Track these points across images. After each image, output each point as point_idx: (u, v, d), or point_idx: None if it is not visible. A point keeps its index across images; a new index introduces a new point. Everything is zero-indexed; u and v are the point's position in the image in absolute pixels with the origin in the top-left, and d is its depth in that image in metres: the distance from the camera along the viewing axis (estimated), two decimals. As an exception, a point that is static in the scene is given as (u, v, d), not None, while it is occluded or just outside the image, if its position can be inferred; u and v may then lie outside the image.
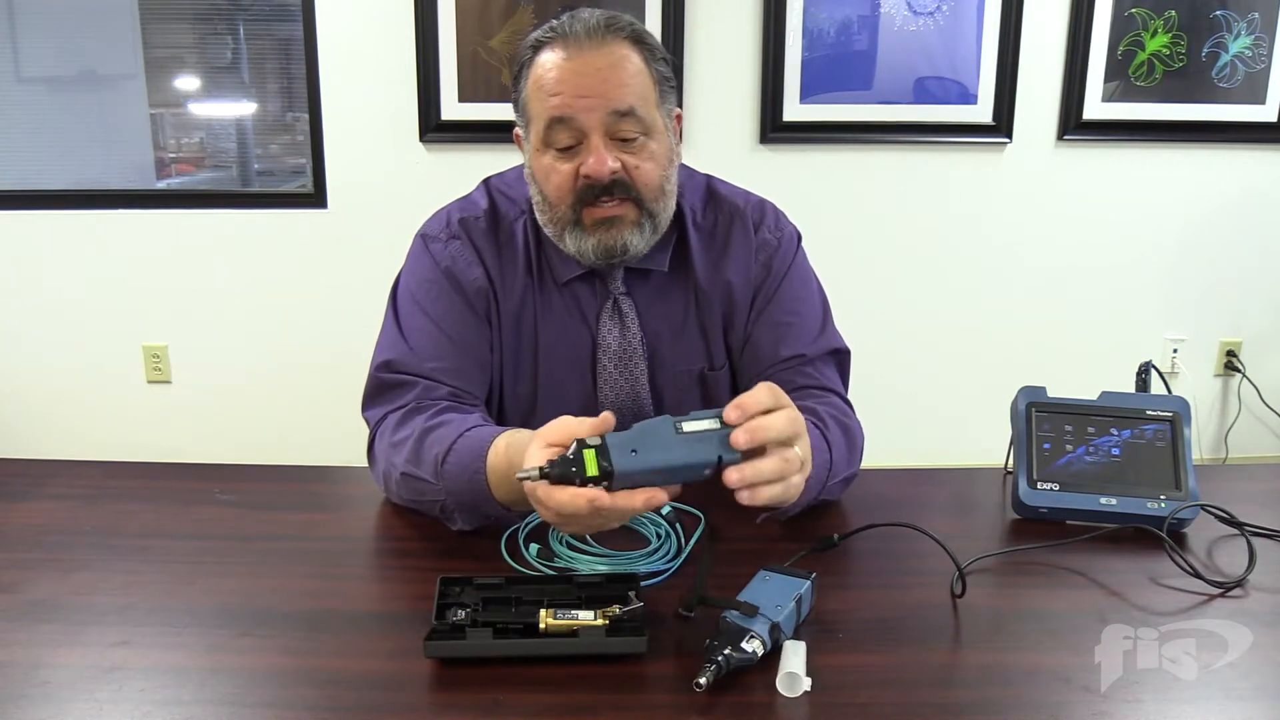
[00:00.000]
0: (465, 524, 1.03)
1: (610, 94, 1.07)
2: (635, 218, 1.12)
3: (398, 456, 1.06)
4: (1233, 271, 3.02)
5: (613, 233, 1.12)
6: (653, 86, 1.12)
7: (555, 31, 1.09)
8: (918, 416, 3.01)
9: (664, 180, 1.13)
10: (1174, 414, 1.11)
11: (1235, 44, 2.82)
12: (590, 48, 1.07)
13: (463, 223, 1.21)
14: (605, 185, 1.09)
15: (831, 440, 1.06)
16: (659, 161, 1.12)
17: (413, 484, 1.04)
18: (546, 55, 1.09)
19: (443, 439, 1.02)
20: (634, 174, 1.10)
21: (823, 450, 1.03)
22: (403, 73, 2.75)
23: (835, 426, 1.09)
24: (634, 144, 1.10)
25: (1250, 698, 0.77)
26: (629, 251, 1.14)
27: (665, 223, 1.17)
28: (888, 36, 2.78)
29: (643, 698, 0.77)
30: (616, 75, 1.08)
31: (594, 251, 1.13)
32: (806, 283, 1.26)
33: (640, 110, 1.09)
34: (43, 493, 1.14)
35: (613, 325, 1.21)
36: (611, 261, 1.15)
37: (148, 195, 2.90)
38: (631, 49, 1.10)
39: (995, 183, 2.92)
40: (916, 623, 0.87)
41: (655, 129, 1.11)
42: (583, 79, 1.07)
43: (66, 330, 2.94)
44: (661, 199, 1.14)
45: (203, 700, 0.75)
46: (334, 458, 1.23)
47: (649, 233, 1.14)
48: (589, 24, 1.08)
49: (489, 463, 0.97)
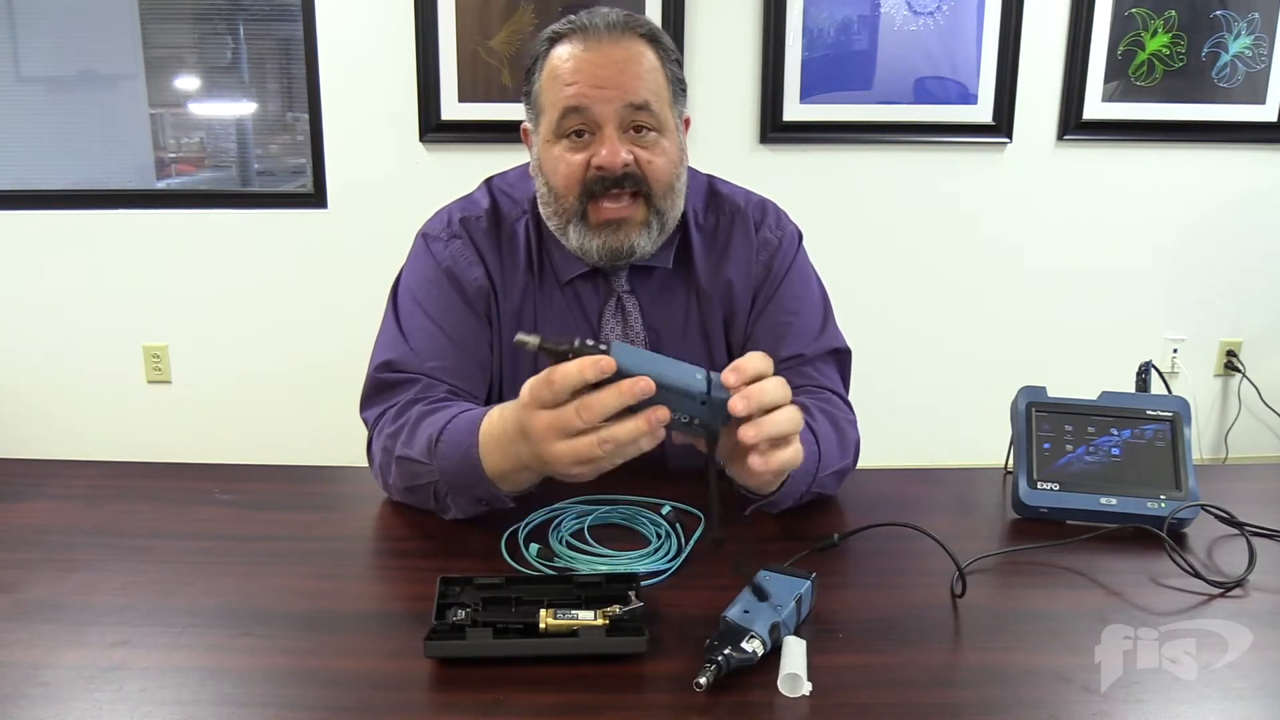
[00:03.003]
0: (458, 510, 1.02)
1: (627, 86, 1.09)
2: (643, 218, 1.13)
3: (393, 442, 1.06)
4: (1233, 271, 3.02)
5: (620, 235, 1.12)
6: (666, 85, 1.13)
7: (573, 25, 1.11)
8: (918, 416, 3.01)
9: (674, 179, 1.14)
10: (1174, 414, 1.11)
11: (1235, 44, 2.82)
12: (609, 41, 1.09)
13: (464, 222, 1.21)
14: (616, 177, 1.10)
15: (819, 432, 1.06)
16: (671, 159, 1.13)
17: (407, 467, 1.04)
18: (564, 47, 1.11)
19: (437, 421, 1.02)
20: (646, 168, 1.11)
21: (810, 442, 1.03)
22: (403, 73, 2.76)
23: (822, 418, 1.09)
24: (647, 138, 1.11)
25: (1250, 698, 0.77)
26: (635, 254, 1.14)
27: (673, 223, 1.17)
28: (888, 36, 2.78)
29: (643, 698, 0.76)
30: (633, 69, 1.09)
31: (598, 252, 1.13)
32: (807, 282, 1.26)
33: (655, 106, 1.10)
34: (43, 493, 1.14)
35: (615, 323, 1.21)
36: (617, 263, 1.16)
37: (148, 195, 2.90)
38: (648, 47, 1.12)
39: (995, 183, 2.92)
40: (916, 623, 0.87)
41: (668, 127, 1.13)
42: (600, 70, 1.08)
43: (66, 330, 2.94)
44: (671, 197, 1.14)
45: (203, 700, 0.75)
46: (334, 458, 1.23)
47: (657, 233, 1.15)
48: (608, 19, 1.10)
49: (482, 429, 0.96)
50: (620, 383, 0.80)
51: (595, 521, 1.05)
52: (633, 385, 0.80)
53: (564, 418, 0.82)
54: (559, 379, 0.81)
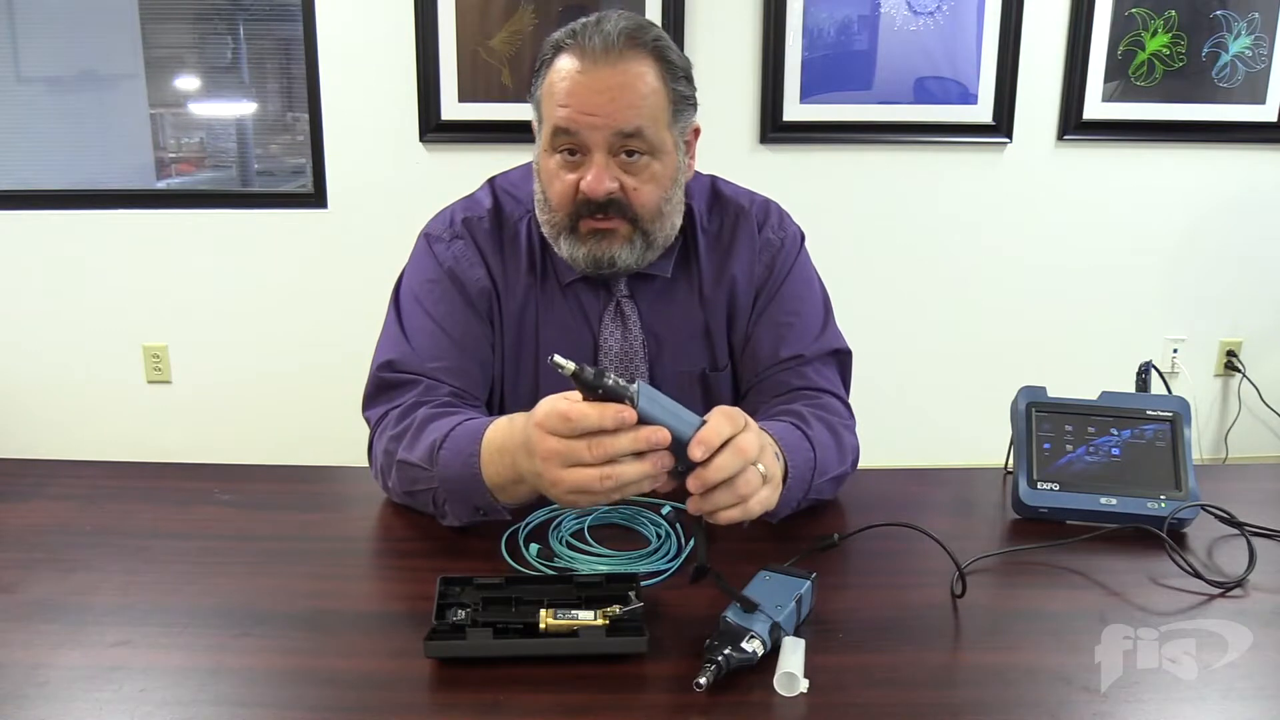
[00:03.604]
0: (455, 518, 1.02)
1: (617, 115, 1.06)
2: (627, 234, 1.12)
3: (395, 445, 1.06)
4: (1233, 271, 3.02)
5: (603, 245, 1.12)
6: (666, 106, 1.10)
7: (575, 38, 1.08)
8: (918, 417, 3.01)
9: (662, 202, 1.13)
10: (1174, 414, 1.11)
11: (1235, 44, 2.82)
12: (605, 64, 1.06)
13: (466, 222, 1.21)
14: (601, 203, 1.09)
15: (815, 440, 1.05)
16: (660, 183, 1.12)
17: (407, 472, 1.04)
18: (563, 61, 1.08)
19: (441, 427, 1.02)
20: (631, 195, 1.10)
21: (805, 450, 1.03)
22: (403, 73, 2.75)
23: (819, 425, 1.09)
24: (637, 162, 1.10)
25: (1250, 698, 0.77)
26: (616, 265, 1.14)
27: (663, 240, 1.16)
28: (888, 36, 2.78)
29: (643, 698, 0.77)
30: (626, 96, 1.07)
31: (584, 260, 1.13)
32: (809, 283, 1.26)
33: (648, 131, 1.08)
34: (42, 493, 1.14)
35: (615, 327, 1.21)
36: (600, 272, 1.15)
37: (148, 195, 2.90)
38: (650, 65, 1.08)
39: (995, 183, 2.92)
40: (916, 623, 0.87)
41: (662, 149, 1.11)
42: (592, 95, 1.06)
43: (66, 330, 2.94)
44: (659, 220, 1.14)
45: (203, 700, 0.75)
46: (334, 458, 1.23)
47: (640, 249, 1.14)
48: (609, 36, 1.06)
49: (486, 437, 0.97)
50: (639, 430, 0.81)
51: (595, 521, 1.05)
52: (650, 435, 0.81)
53: (574, 450, 0.82)
54: (577, 420, 0.81)
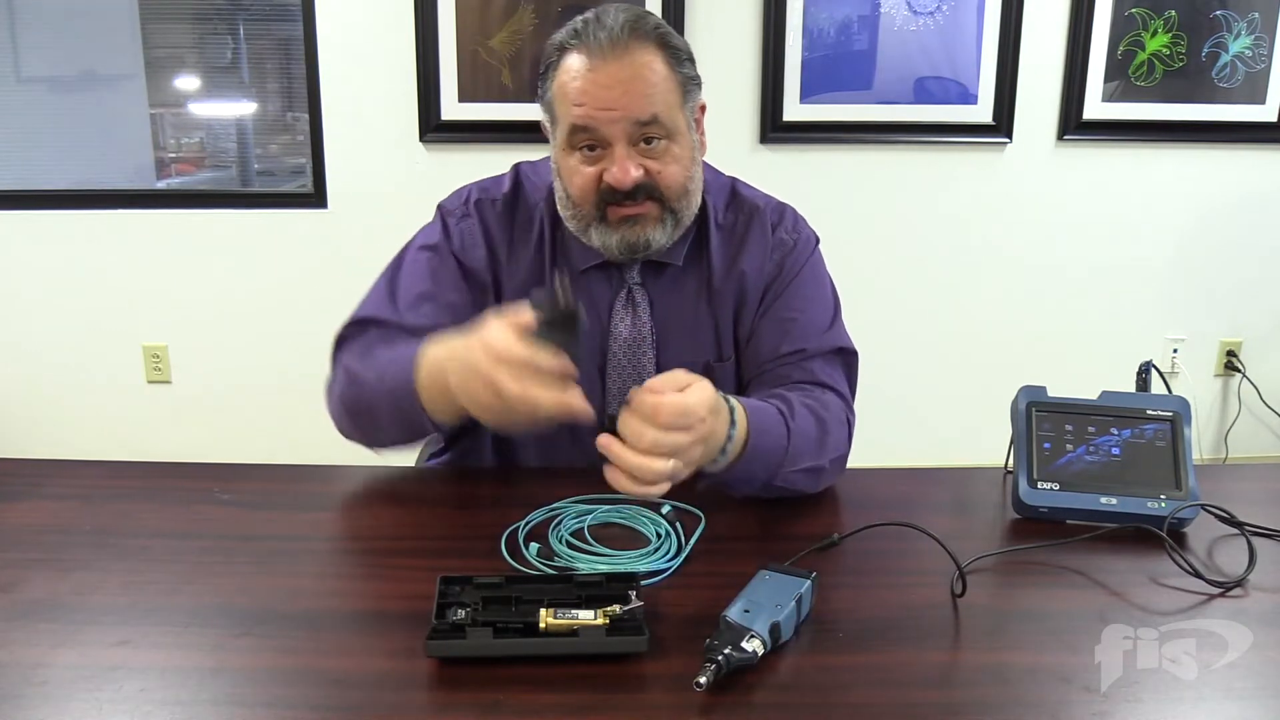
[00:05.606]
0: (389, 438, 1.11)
1: (632, 105, 1.09)
2: (658, 214, 1.15)
3: (348, 357, 1.13)
4: (1233, 271, 3.02)
5: (636, 229, 1.15)
6: (675, 89, 1.13)
7: (579, 37, 1.10)
8: (918, 416, 3.01)
9: (687, 180, 1.16)
10: (1174, 414, 1.11)
11: (1235, 44, 2.82)
12: (613, 57, 1.08)
13: (478, 204, 1.25)
14: (628, 190, 1.12)
15: (794, 428, 1.06)
16: (682, 163, 1.14)
17: (354, 384, 1.11)
18: (571, 60, 1.10)
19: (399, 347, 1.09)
20: (657, 178, 1.13)
21: (780, 435, 1.04)
22: (403, 73, 2.75)
23: (804, 413, 1.09)
24: (657, 147, 1.12)
25: (1250, 698, 0.77)
26: (652, 246, 1.16)
27: (688, 218, 1.19)
28: (888, 36, 2.78)
29: (643, 698, 0.76)
30: (638, 86, 1.09)
31: (618, 246, 1.16)
32: (819, 284, 1.27)
33: (663, 116, 1.11)
34: (42, 493, 1.14)
35: (625, 314, 1.23)
36: (634, 256, 1.18)
37: (148, 195, 2.90)
38: (655, 53, 1.11)
39: (995, 183, 2.92)
40: (916, 623, 0.87)
41: (678, 132, 1.13)
42: (605, 91, 1.08)
43: (66, 330, 2.94)
44: (685, 198, 1.17)
45: (203, 700, 0.75)
46: (334, 458, 1.22)
47: (671, 228, 1.17)
48: (612, 30, 1.08)
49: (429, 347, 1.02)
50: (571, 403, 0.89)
51: (595, 521, 1.05)
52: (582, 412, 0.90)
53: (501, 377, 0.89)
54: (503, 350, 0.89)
